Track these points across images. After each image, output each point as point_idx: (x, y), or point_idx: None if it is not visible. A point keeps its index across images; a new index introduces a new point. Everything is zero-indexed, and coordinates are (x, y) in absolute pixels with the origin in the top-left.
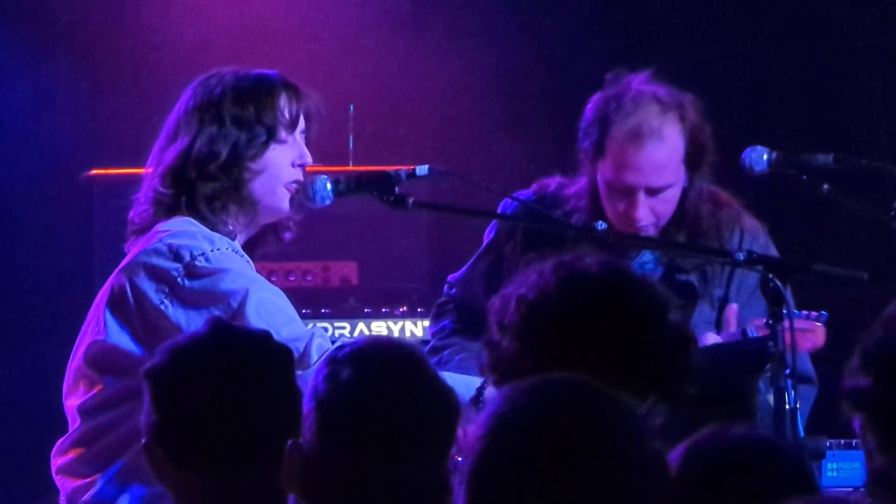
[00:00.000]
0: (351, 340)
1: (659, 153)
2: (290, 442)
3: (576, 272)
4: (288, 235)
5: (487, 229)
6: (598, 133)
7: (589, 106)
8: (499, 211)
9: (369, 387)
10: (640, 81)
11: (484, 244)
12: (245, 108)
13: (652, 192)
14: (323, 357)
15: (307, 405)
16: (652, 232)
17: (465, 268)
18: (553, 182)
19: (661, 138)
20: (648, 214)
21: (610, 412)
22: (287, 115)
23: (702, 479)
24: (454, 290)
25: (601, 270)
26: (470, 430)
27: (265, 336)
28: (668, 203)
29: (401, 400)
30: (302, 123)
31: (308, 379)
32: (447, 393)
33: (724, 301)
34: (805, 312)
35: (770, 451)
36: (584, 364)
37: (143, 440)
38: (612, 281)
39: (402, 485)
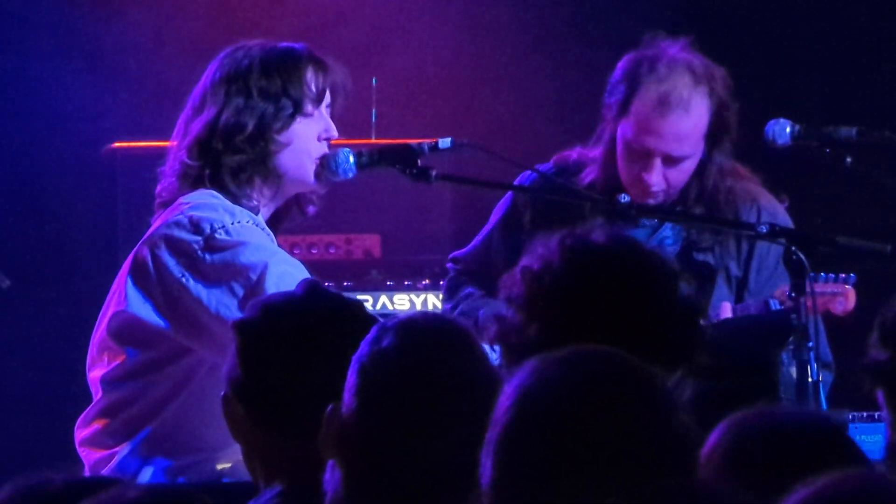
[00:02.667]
0: (406, 312)
1: (683, 124)
2: (329, 407)
3: (581, 242)
4: (311, 209)
5: (500, 202)
6: (626, 91)
7: (621, 63)
8: (517, 183)
9: (411, 354)
10: (676, 49)
11: (498, 216)
12: (272, 81)
13: (669, 160)
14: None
15: (351, 370)
16: (661, 199)
17: (474, 242)
18: (573, 153)
19: (688, 109)
20: (661, 181)
21: (640, 385)
22: (313, 89)
23: (750, 455)
24: (460, 265)
25: (607, 241)
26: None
27: (358, 305)
28: (682, 173)
29: (442, 371)
30: (327, 98)
31: None
32: (492, 369)
33: (743, 282)
34: (833, 276)
35: (823, 430)
36: (588, 334)
37: (223, 392)
38: (617, 251)
39: (438, 457)
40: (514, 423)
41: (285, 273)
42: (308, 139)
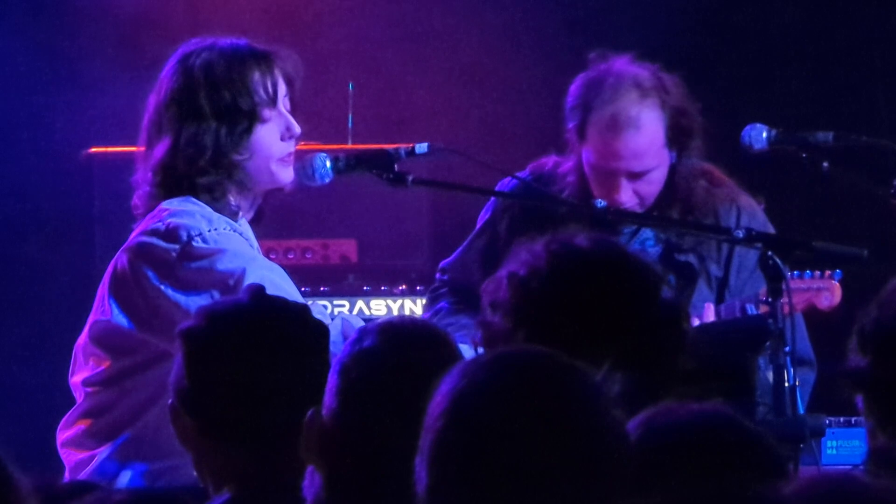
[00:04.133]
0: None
1: (637, 141)
2: (310, 411)
3: (567, 248)
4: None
5: (483, 210)
6: (580, 118)
7: (572, 88)
8: (497, 189)
9: (392, 355)
10: (621, 64)
11: (478, 225)
12: (221, 96)
13: (633, 176)
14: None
15: (332, 372)
16: (638, 210)
17: (458, 251)
18: (549, 161)
19: (639, 127)
20: (632, 197)
21: (568, 383)
22: (263, 93)
23: (656, 453)
24: (447, 275)
25: (593, 246)
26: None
27: (304, 310)
28: (651, 185)
29: (423, 371)
30: (283, 90)
31: None
32: None
33: (723, 282)
34: (820, 272)
35: (727, 427)
36: (575, 340)
37: (171, 401)
38: (603, 256)
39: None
40: (445, 429)
41: (263, 278)
42: (270, 143)
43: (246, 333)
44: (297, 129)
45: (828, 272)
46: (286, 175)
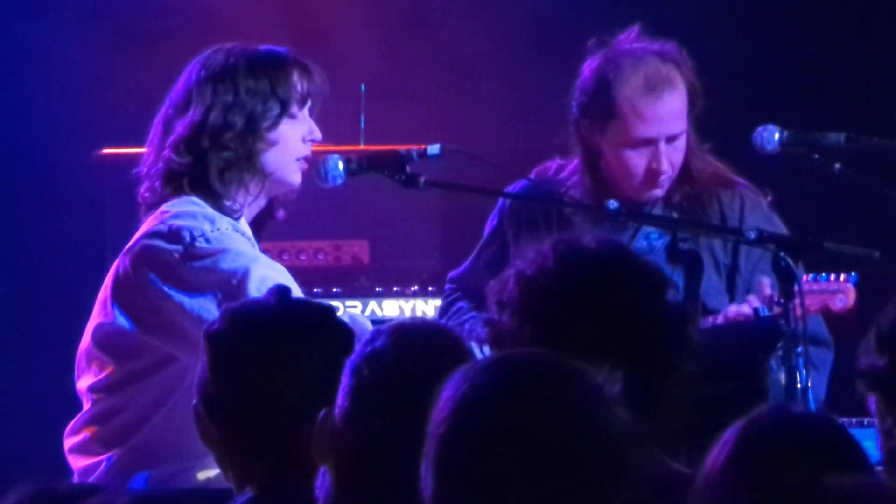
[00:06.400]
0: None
1: (675, 100)
2: (322, 411)
3: (574, 248)
4: (281, 214)
5: (490, 218)
6: (604, 98)
7: (584, 76)
8: (507, 191)
9: (404, 356)
10: (630, 39)
11: (486, 233)
12: (260, 80)
13: (670, 140)
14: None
15: (345, 372)
16: (667, 185)
17: (467, 262)
18: (553, 164)
19: (673, 84)
20: (669, 166)
21: (569, 383)
22: (299, 91)
23: (758, 456)
24: (456, 284)
25: (600, 247)
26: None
27: (329, 312)
28: (679, 152)
29: (435, 372)
30: (309, 101)
31: None
32: None
33: (733, 267)
34: (836, 275)
35: (830, 432)
36: (582, 338)
37: (195, 401)
38: (609, 256)
39: None
40: (448, 435)
41: (266, 277)
42: (293, 140)
43: (271, 337)
44: (319, 135)
45: (843, 275)
46: (296, 177)
